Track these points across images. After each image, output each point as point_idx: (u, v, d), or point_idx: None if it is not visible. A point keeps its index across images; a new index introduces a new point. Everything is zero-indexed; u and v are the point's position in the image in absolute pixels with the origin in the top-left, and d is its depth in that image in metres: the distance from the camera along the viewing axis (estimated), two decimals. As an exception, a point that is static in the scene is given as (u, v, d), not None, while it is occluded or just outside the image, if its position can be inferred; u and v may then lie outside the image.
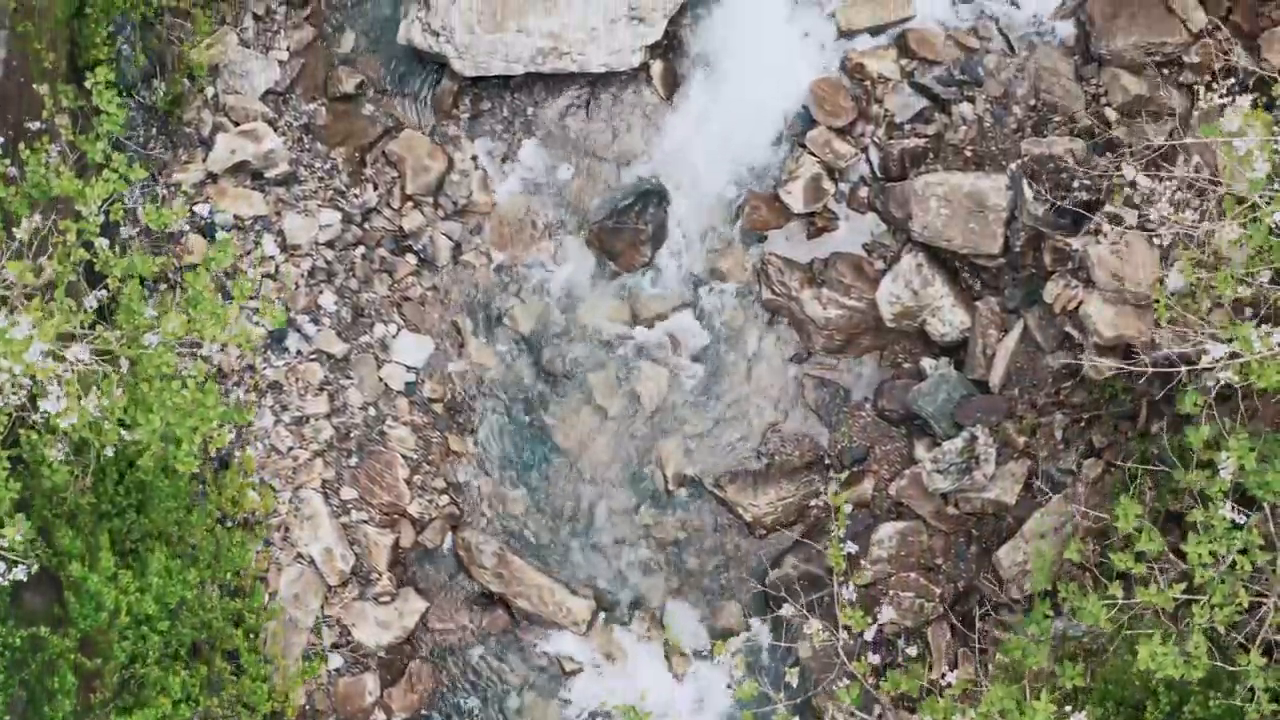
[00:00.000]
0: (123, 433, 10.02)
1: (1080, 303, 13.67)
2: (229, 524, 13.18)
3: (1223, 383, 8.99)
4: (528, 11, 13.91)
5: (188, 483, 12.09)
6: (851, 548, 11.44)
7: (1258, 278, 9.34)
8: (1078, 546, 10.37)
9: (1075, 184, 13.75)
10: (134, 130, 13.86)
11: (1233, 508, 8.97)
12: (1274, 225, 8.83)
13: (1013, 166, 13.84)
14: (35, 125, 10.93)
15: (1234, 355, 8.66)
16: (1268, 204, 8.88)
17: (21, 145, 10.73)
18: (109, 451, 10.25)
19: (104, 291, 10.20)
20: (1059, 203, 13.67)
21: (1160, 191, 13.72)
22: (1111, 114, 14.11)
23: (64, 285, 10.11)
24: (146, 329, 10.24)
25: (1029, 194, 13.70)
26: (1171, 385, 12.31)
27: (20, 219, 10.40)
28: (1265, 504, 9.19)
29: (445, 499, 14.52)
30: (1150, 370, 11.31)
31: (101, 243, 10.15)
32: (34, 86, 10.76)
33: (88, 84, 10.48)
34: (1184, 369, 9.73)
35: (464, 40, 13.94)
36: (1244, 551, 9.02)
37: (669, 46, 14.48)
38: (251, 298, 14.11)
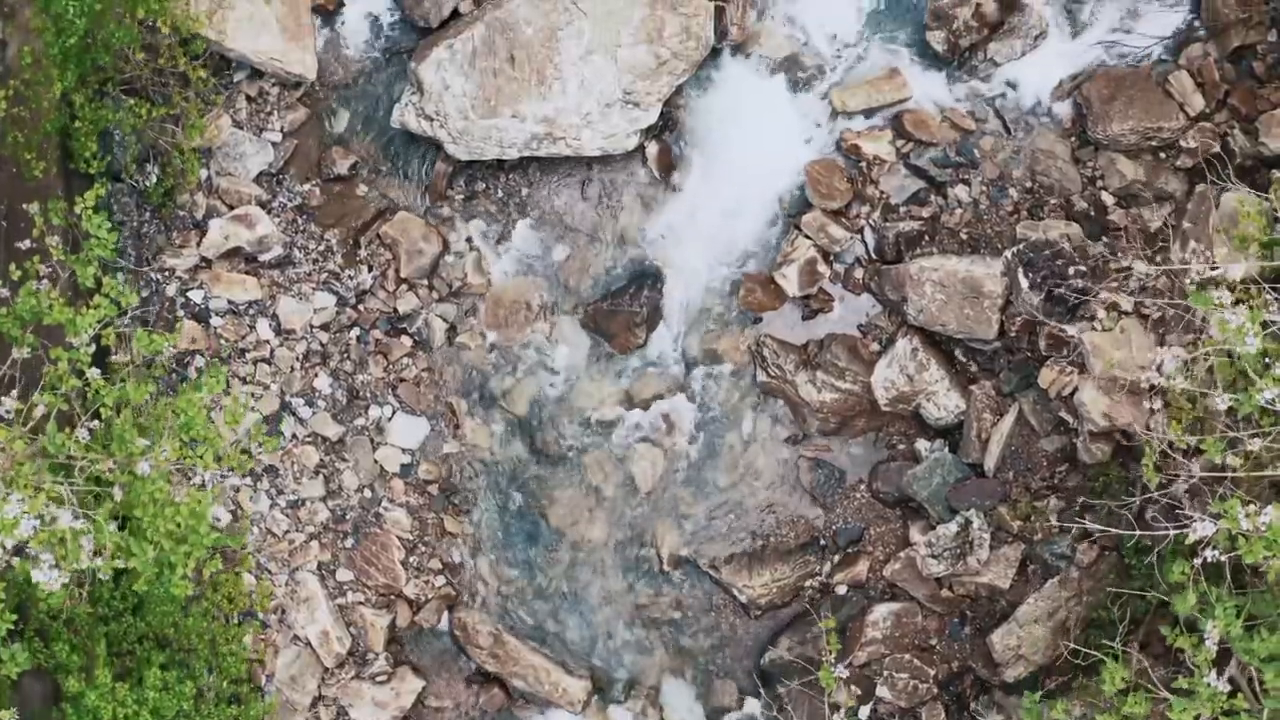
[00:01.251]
0: (118, 562, 10.07)
1: (1075, 389, 13.67)
2: (226, 620, 13.22)
3: (1211, 559, 9.00)
4: (522, 97, 13.84)
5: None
6: (842, 672, 11.49)
7: (1247, 443, 9.33)
8: (1064, 706, 10.41)
9: (1071, 271, 13.72)
10: (127, 215, 13.81)
11: (1217, 675, 9.00)
12: (1265, 401, 8.80)
13: (1008, 254, 13.80)
14: (26, 244, 10.86)
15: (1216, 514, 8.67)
16: (1260, 378, 8.86)
17: (12, 266, 10.73)
18: (104, 576, 10.29)
19: (97, 421, 10.19)
20: (1055, 290, 13.65)
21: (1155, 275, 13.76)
22: (1108, 198, 14.06)
23: (55, 415, 10.11)
24: (139, 456, 10.25)
25: (1024, 283, 13.67)
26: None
27: (12, 342, 10.44)
28: (1251, 666, 9.22)
29: (441, 579, 14.56)
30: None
31: (94, 373, 10.13)
32: (24, 206, 10.69)
33: (78, 208, 10.45)
34: (1171, 532, 9.74)
35: (458, 126, 13.88)
36: (1229, 714, 9.06)
37: (664, 127, 14.41)
38: (247, 381, 14.14)
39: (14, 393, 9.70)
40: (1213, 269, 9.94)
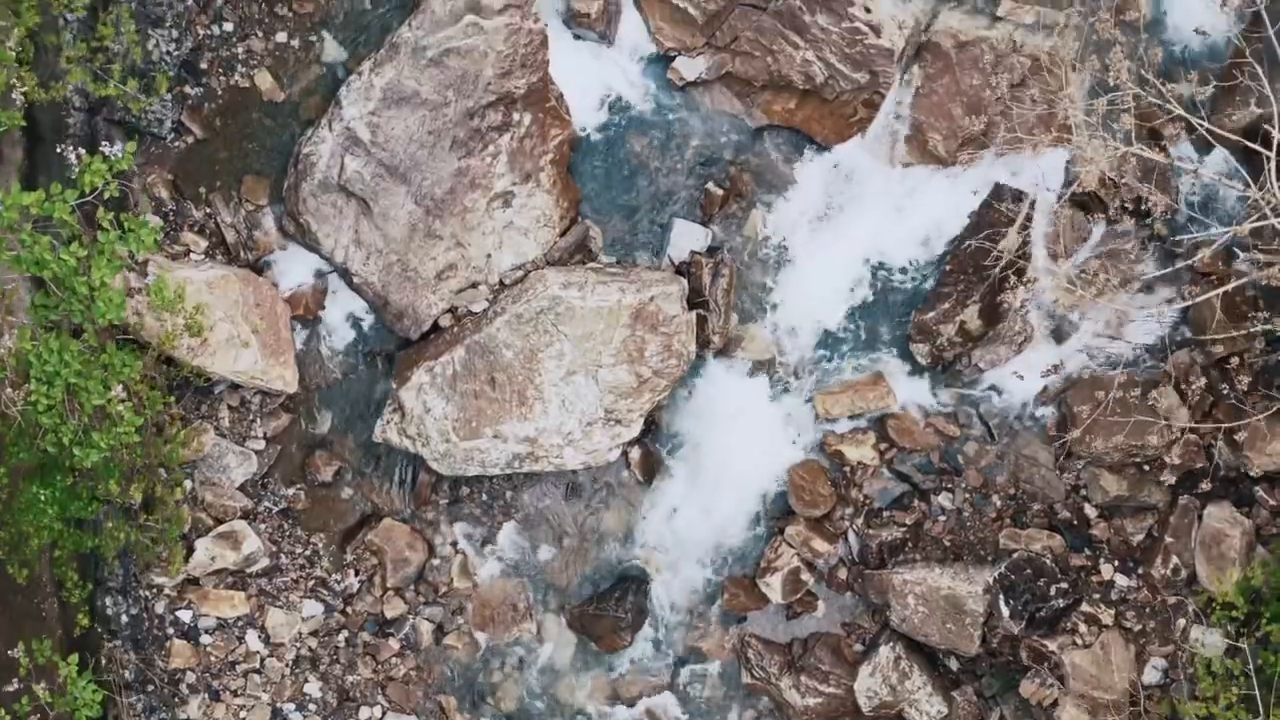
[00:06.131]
0: None
1: (1056, 702, 13.85)
2: None
3: None
4: (503, 419, 13.79)
5: None
6: None
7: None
8: None
9: (1052, 590, 13.80)
10: (114, 538, 13.84)
11: None
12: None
13: (989, 579, 13.84)
14: (13, 686, 10.97)
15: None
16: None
17: (2, 710, 10.86)
18: None
19: None
20: (1036, 614, 13.74)
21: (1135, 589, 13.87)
22: (1090, 510, 14.07)
23: None
24: None
25: (1005, 610, 13.76)
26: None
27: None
28: None
29: None
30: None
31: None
32: (9, 652, 10.79)
33: (61, 674, 10.55)
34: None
35: (440, 448, 13.84)
36: None
37: (646, 430, 14.36)
38: (238, 694, 14.32)
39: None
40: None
